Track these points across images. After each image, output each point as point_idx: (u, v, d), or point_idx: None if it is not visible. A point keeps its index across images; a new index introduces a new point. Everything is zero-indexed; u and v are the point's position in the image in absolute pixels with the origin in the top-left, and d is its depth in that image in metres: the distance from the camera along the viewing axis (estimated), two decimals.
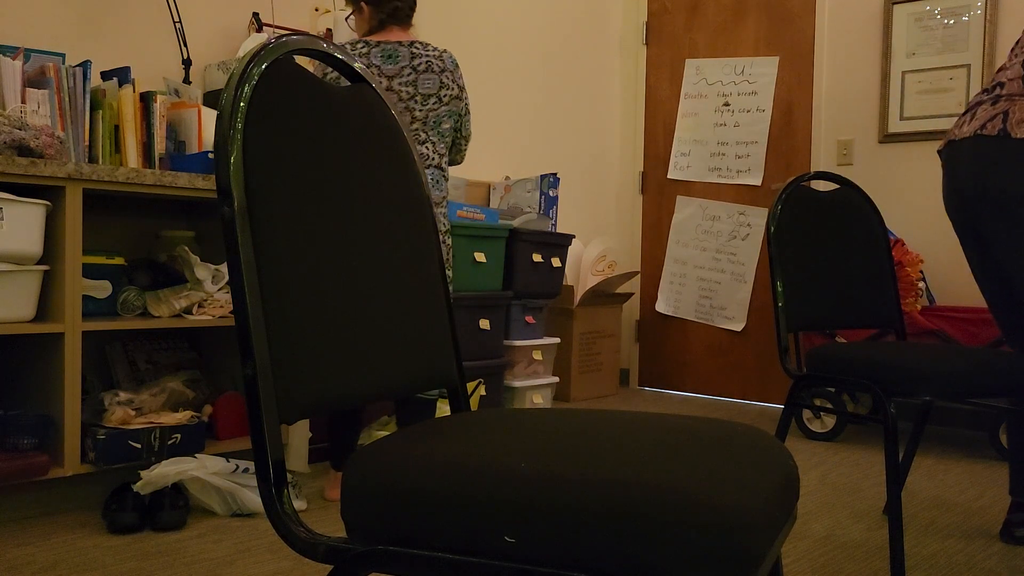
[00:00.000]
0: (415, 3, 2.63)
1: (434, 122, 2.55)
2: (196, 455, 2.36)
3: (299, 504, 2.43)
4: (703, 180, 4.64)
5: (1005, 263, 2.12)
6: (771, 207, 2.18)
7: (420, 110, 2.52)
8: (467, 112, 2.67)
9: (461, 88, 2.62)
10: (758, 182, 4.44)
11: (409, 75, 2.50)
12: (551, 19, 4.56)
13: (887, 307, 2.36)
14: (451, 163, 2.74)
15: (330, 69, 2.52)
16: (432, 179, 2.58)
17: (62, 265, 2.27)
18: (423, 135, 2.54)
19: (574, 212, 4.73)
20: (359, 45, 2.51)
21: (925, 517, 2.48)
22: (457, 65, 2.63)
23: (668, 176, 4.77)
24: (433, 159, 2.58)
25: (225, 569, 1.95)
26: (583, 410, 1.06)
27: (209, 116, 2.71)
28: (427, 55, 2.55)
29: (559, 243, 3.88)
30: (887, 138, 4.01)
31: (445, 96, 2.55)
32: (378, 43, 2.51)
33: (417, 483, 0.82)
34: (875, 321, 2.33)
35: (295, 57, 0.99)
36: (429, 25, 3.93)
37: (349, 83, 1.13)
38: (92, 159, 2.53)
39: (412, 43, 2.55)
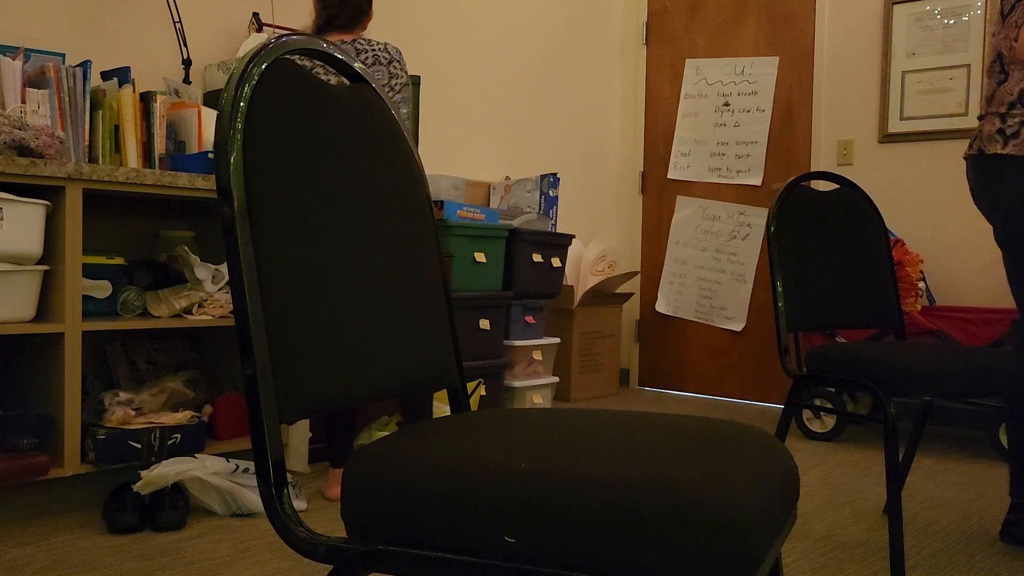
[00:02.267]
0: (359, 11, 2.64)
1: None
2: (196, 455, 2.36)
3: (299, 504, 2.43)
4: (703, 180, 4.64)
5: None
6: (771, 207, 2.18)
7: None
8: (411, 93, 2.73)
9: (407, 73, 2.70)
10: (758, 182, 4.44)
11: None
12: (551, 19, 4.56)
13: (887, 307, 2.36)
14: None
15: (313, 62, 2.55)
16: None
17: (62, 265, 2.27)
18: None
19: (574, 212, 4.73)
20: None
21: (925, 517, 2.48)
22: (401, 53, 2.68)
23: (668, 176, 4.77)
24: None
25: (225, 569, 1.95)
26: (583, 410, 1.06)
27: (209, 116, 2.71)
28: (372, 49, 2.60)
29: (559, 243, 3.88)
30: (887, 138, 4.01)
31: (397, 84, 2.62)
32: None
33: (417, 483, 0.82)
34: (875, 321, 2.32)
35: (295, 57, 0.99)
36: (429, 25, 3.94)
37: (336, 77, 1.13)
38: (92, 159, 2.53)
39: (355, 40, 2.61)
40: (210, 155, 2.59)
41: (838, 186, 2.39)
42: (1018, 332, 2.26)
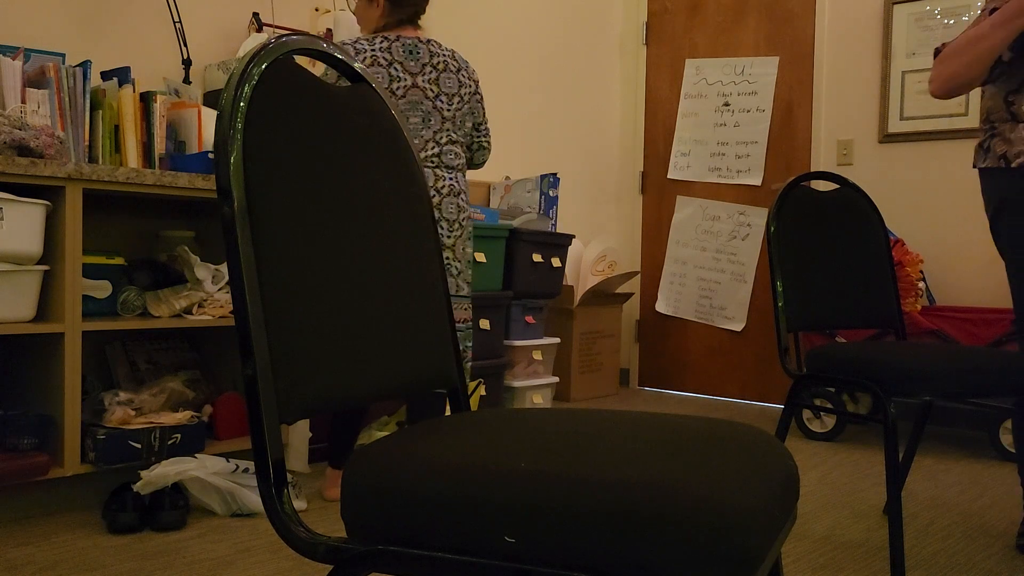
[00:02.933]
0: (427, 6, 2.62)
1: (460, 121, 2.54)
2: (196, 455, 2.36)
3: (299, 504, 2.43)
4: (703, 180, 4.64)
5: None
6: (771, 207, 2.18)
7: (448, 109, 2.50)
8: (481, 102, 2.65)
9: (477, 83, 2.62)
10: (758, 182, 4.44)
11: (430, 73, 2.48)
12: (551, 19, 4.56)
13: (887, 307, 2.36)
14: (475, 165, 2.71)
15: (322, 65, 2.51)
16: (464, 183, 2.56)
17: (62, 265, 2.27)
18: (453, 135, 2.52)
19: (574, 212, 4.73)
20: (378, 40, 2.46)
21: (925, 517, 2.48)
22: (468, 64, 2.63)
23: (668, 176, 4.77)
24: (463, 159, 2.57)
25: (225, 569, 1.95)
26: (583, 410, 1.06)
27: (209, 116, 2.71)
28: (443, 54, 2.54)
29: (559, 243, 3.88)
30: (887, 138, 4.01)
31: (465, 94, 2.55)
32: (398, 37, 2.48)
33: (417, 483, 0.82)
34: (875, 321, 2.32)
35: (295, 57, 0.99)
36: (430, 25, 3.93)
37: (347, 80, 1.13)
38: (92, 159, 2.53)
39: (429, 41, 2.53)
40: (210, 155, 2.59)
41: (838, 186, 2.39)
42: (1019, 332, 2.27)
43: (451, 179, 2.51)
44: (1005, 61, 2.12)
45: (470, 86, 2.58)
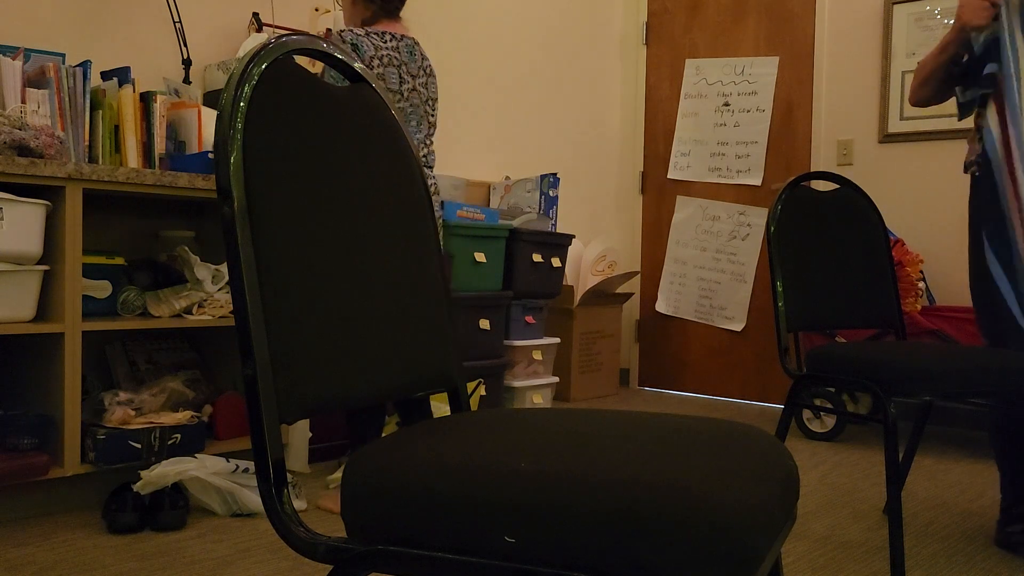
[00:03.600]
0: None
1: (436, 126, 2.58)
2: (196, 455, 2.36)
3: (299, 504, 2.43)
4: (703, 180, 4.64)
5: None
6: (771, 207, 2.18)
7: (432, 114, 2.53)
8: None
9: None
10: (758, 182, 4.44)
11: (422, 77, 2.49)
12: (551, 19, 4.56)
13: (887, 307, 2.36)
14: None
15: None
16: (437, 184, 2.61)
17: (62, 265, 2.27)
18: (432, 138, 2.57)
19: (574, 212, 4.73)
20: (387, 38, 2.45)
21: (925, 517, 2.48)
22: None
23: (668, 176, 4.77)
24: (433, 161, 2.61)
25: (225, 569, 1.95)
26: (583, 410, 1.06)
27: (209, 116, 2.71)
28: (427, 58, 2.56)
29: (559, 243, 3.88)
30: (887, 138, 4.01)
31: (437, 99, 2.60)
32: (403, 37, 2.48)
33: (417, 483, 0.82)
34: (875, 321, 2.32)
35: (295, 57, 0.99)
36: (430, 24, 3.93)
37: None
38: (92, 159, 2.53)
39: (416, 43, 2.54)
40: (210, 155, 2.59)
41: (838, 186, 2.39)
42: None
43: (434, 179, 2.61)
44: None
45: (437, 93, 2.62)
